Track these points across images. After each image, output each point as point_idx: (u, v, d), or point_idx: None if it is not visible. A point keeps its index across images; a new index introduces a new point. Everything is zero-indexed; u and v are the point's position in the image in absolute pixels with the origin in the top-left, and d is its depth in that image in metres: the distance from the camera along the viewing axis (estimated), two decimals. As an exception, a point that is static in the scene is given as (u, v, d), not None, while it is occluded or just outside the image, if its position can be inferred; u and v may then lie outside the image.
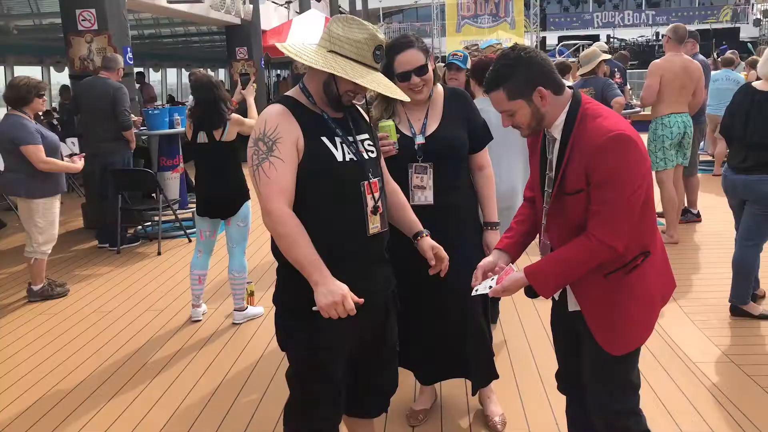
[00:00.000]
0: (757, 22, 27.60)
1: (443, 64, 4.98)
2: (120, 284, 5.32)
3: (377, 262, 2.16)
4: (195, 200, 4.36)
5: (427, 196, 2.69)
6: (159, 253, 6.13)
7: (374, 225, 2.08)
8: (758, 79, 3.93)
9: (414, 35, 2.71)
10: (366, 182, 2.06)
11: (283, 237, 1.95)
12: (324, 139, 2.03)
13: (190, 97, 7.31)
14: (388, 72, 2.65)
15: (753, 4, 31.77)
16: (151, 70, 20.20)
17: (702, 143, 7.67)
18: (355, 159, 2.06)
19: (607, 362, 2.04)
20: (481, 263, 2.17)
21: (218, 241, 4.49)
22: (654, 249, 2.02)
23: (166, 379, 3.61)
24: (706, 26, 25.79)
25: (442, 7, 29.09)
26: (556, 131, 1.97)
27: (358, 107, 2.23)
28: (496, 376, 2.97)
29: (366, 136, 2.16)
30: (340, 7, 22.57)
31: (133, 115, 6.42)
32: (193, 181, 4.48)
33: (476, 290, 2.10)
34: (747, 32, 24.79)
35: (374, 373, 2.29)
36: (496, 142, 3.55)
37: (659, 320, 3.91)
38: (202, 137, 4.15)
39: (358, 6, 25.39)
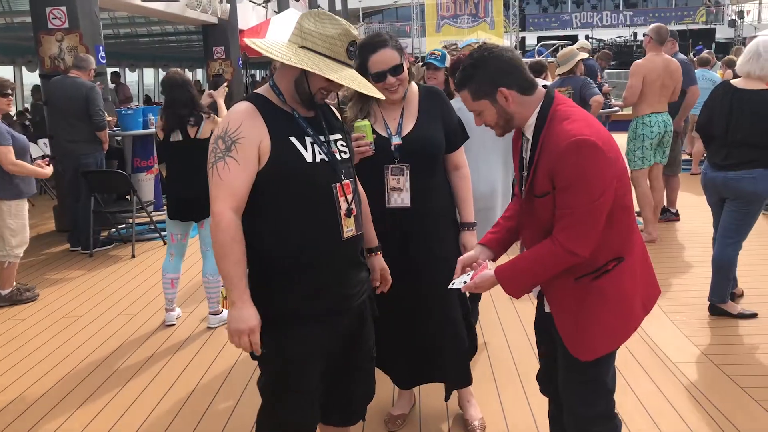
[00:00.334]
0: (732, 23, 27.99)
1: (422, 64, 4.94)
2: (92, 288, 5.19)
3: (352, 267, 2.09)
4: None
5: (403, 199, 2.62)
6: (133, 256, 6.01)
7: (348, 228, 2.01)
8: (736, 77, 3.91)
9: (388, 33, 2.64)
10: (338, 184, 1.99)
11: (218, 244, 1.88)
12: (293, 139, 1.95)
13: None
14: (362, 72, 2.58)
15: (728, 5, 32.26)
16: (127, 70, 19.93)
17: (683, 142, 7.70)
18: (326, 159, 1.99)
19: (577, 366, 2.00)
20: (461, 257, 2.14)
21: (192, 244, 4.39)
22: (630, 254, 1.96)
23: (137, 386, 3.50)
24: (683, 27, 26.10)
25: (421, 7, 29.12)
26: (528, 131, 1.94)
27: (331, 106, 2.16)
28: (470, 381, 2.92)
29: (339, 136, 2.09)
30: (319, 6, 22.45)
31: (107, 115, 6.28)
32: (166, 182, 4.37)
33: (453, 284, 2.08)
34: (722, 33, 25.15)
35: (350, 381, 2.21)
36: (474, 143, 3.51)
37: (639, 320, 3.94)
38: (176, 135, 4.07)
39: (338, 6, 25.29)
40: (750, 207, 3.78)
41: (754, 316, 3.96)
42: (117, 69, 16.32)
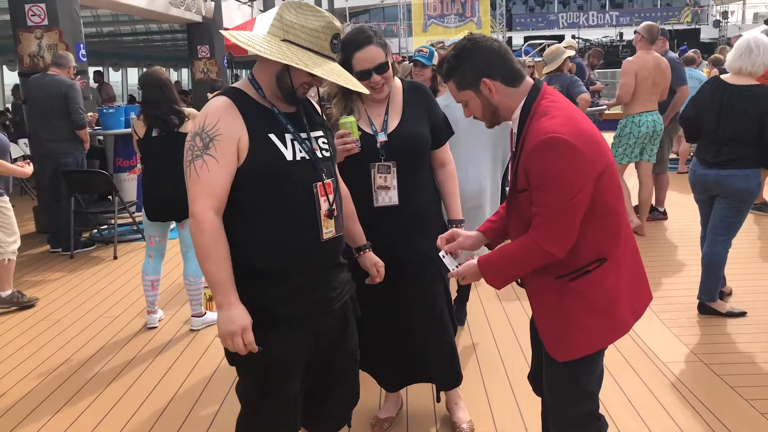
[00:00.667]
0: (716, 24, 28.22)
1: (409, 62, 4.88)
2: (72, 290, 5.08)
3: (332, 268, 2.03)
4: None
5: (391, 197, 2.56)
6: (115, 258, 5.90)
7: (328, 230, 1.95)
8: (723, 72, 3.91)
9: (371, 29, 2.57)
10: (319, 183, 1.93)
11: (199, 245, 1.81)
12: (272, 136, 1.88)
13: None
14: (345, 69, 2.51)
15: (712, 6, 32.51)
16: (111, 69, 19.70)
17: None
18: (307, 158, 1.92)
19: (557, 366, 1.96)
20: (442, 234, 2.15)
21: (173, 246, 4.30)
22: (614, 257, 1.90)
23: (117, 390, 3.41)
24: (668, 27, 26.23)
25: (408, 6, 29.05)
26: (515, 125, 1.91)
27: (313, 102, 2.08)
28: (461, 379, 2.87)
29: (320, 133, 2.02)
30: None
31: (89, 115, 6.16)
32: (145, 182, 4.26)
33: (443, 255, 2.09)
34: (707, 33, 25.32)
35: (334, 385, 2.14)
36: (463, 140, 3.47)
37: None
38: (157, 131, 3.98)
39: (325, 5, 25.19)
40: (741, 205, 3.76)
41: (743, 314, 3.94)
42: (100, 68, 16.13)
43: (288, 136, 1.91)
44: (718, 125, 3.73)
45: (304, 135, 1.95)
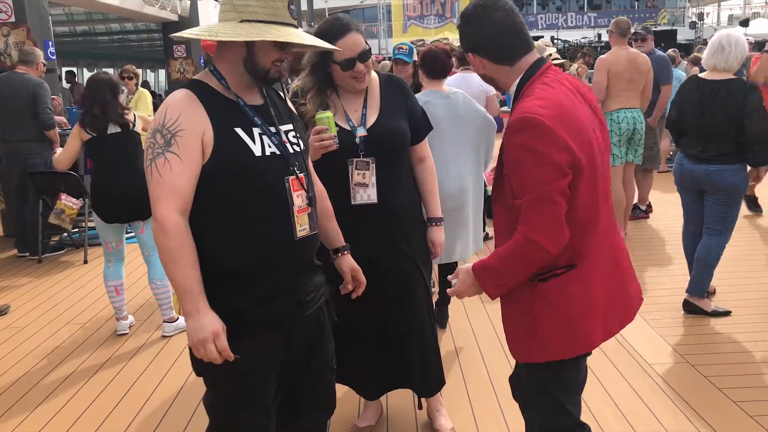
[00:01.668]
0: (692, 25, 28.52)
1: (390, 61, 4.80)
2: (39, 296, 4.89)
3: (307, 270, 1.91)
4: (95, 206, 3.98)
5: (370, 194, 2.45)
6: (85, 262, 5.71)
7: (302, 227, 1.83)
8: (702, 71, 3.93)
9: (346, 16, 2.47)
10: (292, 177, 1.81)
11: (164, 249, 1.68)
12: (239, 130, 1.76)
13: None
14: (326, 60, 2.40)
15: (688, 8, 32.88)
16: (85, 69, 19.37)
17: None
18: (277, 153, 1.80)
19: (524, 370, 1.91)
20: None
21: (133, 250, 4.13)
22: (584, 265, 1.78)
23: (85, 399, 3.26)
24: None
25: (388, 7, 28.99)
26: (511, 105, 1.83)
27: (280, 93, 1.96)
28: (443, 383, 2.77)
29: (290, 126, 1.90)
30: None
31: (60, 118, 5.96)
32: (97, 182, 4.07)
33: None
34: (684, 35, 25.56)
35: (309, 394, 2.02)
36: (443, 139, 3.39)
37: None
38: (113, 128, 3.87)
39: (303, 6, 25.04)
40: (732, 198, 3.75)
41: (727, 313, 3.90)
42: (74, 68, 15.82)
43: (256, 130, 1.79)
44: (701, 121, 3.75)
45: (272, 129, 1.82)
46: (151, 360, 3.69)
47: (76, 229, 6.42)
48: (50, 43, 6.57)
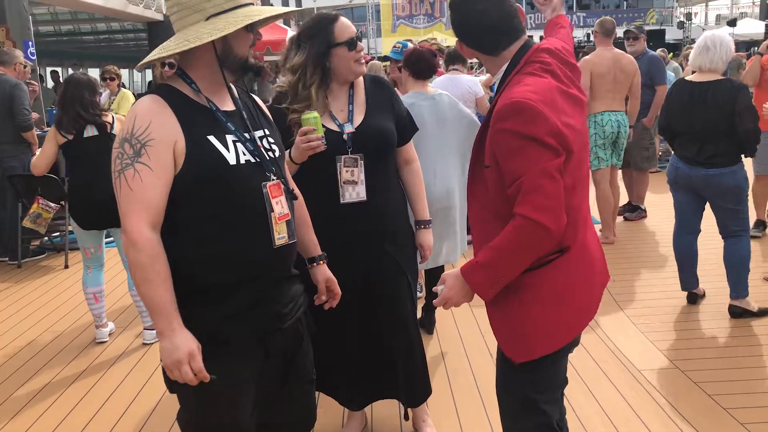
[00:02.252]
0: (680, 25, 28.62)
1: (380, 61, 4.85)
2: (17, 302, 4.78)
3: (285, 279, 1.83)
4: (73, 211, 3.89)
5: (359, 192, 2.39)
6: (66, 267, 5.59)
7: (281, 235, 1.75)
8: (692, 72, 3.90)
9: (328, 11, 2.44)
10: (270, 184, 1.73)
11: (135, 266, 1.60)
12: (212, 138, 1.68)
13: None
14: (327, 48, 2.31)
15: (676, 8, 33.02)
16: (70, 69, 19.16)
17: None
18: (252, 160, 1.73)
19: (502, 371, 1.86)
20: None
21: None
22: (573, 248, 1.74)
23: (64, 407, 3.17)
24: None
25: (377, 7, 28.93)
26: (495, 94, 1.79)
27: (255, 97, 1.88)
28: (429, 392, 2.70)
29: (265, 131, 1.83)
30: (271, 4, 22.06)
31: (34, 114, 5.83)
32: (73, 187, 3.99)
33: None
34: (672, 34, 25.63)
35: (288, 408, 1.94)
36: (429, 140, 3.34)
37: (601, 325, 3.78)
38: (90, 130, 3.77)
39: (292, 5, 24.93)
40: (738, 197, 3.74)
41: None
42: (58, 68, 15.63)
43: (230, 137, 1.71)
44: (692, 123, 3.72)
45: (247, 135, 1.75)
46: (130, 370, 3.59)
47: (57, 233, 6.30)
48: (30, 43, 6.45)
